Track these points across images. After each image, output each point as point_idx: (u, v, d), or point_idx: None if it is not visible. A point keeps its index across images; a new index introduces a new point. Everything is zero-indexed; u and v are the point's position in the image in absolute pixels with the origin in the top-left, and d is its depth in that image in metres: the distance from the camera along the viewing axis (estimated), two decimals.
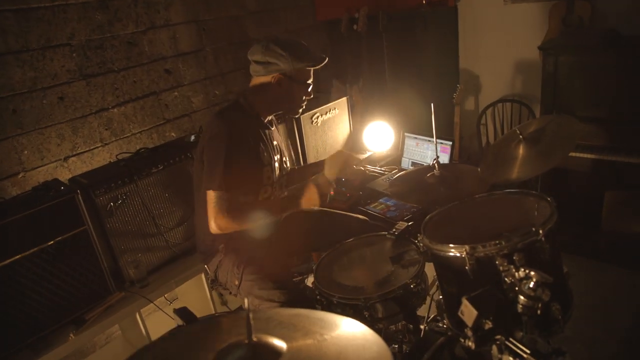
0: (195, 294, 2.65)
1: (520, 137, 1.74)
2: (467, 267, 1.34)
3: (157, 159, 2.47)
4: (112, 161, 2.67)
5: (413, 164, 2.81)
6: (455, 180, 2.00)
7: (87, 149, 2.88)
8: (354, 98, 3.88)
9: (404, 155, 2.86)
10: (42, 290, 2.07)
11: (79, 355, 2.87)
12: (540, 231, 1.32)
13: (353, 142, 3.46)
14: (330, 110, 3.23)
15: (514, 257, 1.30)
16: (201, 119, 3.45)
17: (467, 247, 1.34)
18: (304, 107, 2.13)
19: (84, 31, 2.80)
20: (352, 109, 3.77)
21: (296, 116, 2.12)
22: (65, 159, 2.79)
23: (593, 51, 3.11)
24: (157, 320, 2.46)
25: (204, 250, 2.09)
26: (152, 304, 2.35)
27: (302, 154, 3.07)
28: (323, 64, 2.01)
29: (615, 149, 3.11)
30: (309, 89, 2.06)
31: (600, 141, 3.15)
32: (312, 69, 2.03)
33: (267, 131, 2.09)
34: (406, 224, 1.95)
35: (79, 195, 2.15)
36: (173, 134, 3.29)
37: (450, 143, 2.59)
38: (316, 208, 2.02)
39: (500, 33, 3.83)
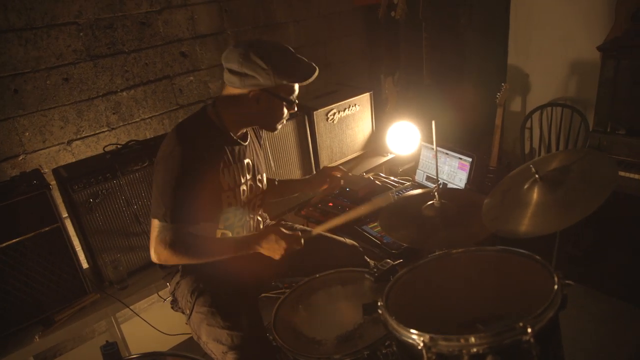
0: None
1: (536, 176, 1.31)
2: None
3: (145, 153, 2.21)
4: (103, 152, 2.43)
5: (428, 178, 2.39)
6: (457, 216, 1.60)
7: (93, 132, 2.68)
8: (387, 91, 3.45)
9: (419, 168, 2.44)
10: (7, 287, 1.89)
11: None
12: (529, 329, 0.93)
13: (375, 141, 3.06)
14: (350, 107, 2.84)
15: None
16: None
17: (426, 337, 0.97)
18: (284, 122, 1.75)
19: (92, 9, 2.55)
20: (385, 103, 3.36)
21: (274, 132, 1.76)
22: (69, 142, 2.60)
23: None
24: (136, 324, 2.26)
25: (165, 266, 1.81)
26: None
27: (313, 155, 2.72)
28: (312, 79, 1.61)
29: None
30: (293, 105, 1.68)
31: None
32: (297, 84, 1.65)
33: (236, 148, 1.73)
34: (391, 262, 1.57)
35: (50, 191, 1.94)
36: None
37: (470, 159, 2.15)
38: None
39: (557, 27, 3.22)
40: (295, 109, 1.70)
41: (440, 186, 1.64)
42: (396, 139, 2.96)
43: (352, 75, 3.75)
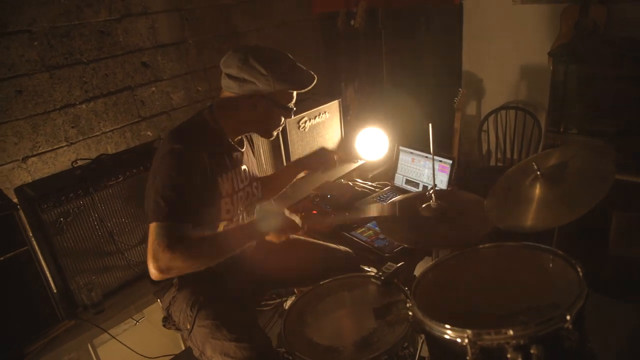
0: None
1: (538, 173, 1.37)
2: (467, 358, 0.98)
3: (118, 167, 2.09)
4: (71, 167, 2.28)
5: (407, 181, 2.43)
6: (456, 215, 1.64)
7: (50, 148, 2.50)
8: (349, 99, 3.49)
9: (398, 172, 2.48)
10: None
11: None
12: (568, 316, 0.97)
13: (344, 149, 3.08)
14: (320, 114, 2.84)
15: (531, 351, 0.95)
16: (182, 117, 3.06)
17: (469, 332, 0.98)
18: (280, 129, 1.73)
19: (46, 17, 2.39)
20: (347, 111, 3.39)
21: (269, 139, 1.73)
22: (24, 159, 2.41)
23: (608, 61, 2.73)
24: (114, 349, 2.12)
25: (157, 281, 1.72)
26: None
27: (285, 162, 2.69)
28: (311, 86, 1.61)
29: (626, 166, 2.74)
30: (290, 112, 1.66)
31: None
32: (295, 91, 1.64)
33: (233, 154, 1.69)
34: (395, 265, 1.58)
35: (19, 212, 1.78)
36: (149, 133, 2.91)
37: (450, 162, 2.22)
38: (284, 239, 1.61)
39: (507, 35, 3.42)
40: (292, 116, 1.68)
41: (436, 187, 1.68)
42: (365, 145, 2.99)
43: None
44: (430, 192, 1.67)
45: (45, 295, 1.88)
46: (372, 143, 2.97)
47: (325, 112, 2.88)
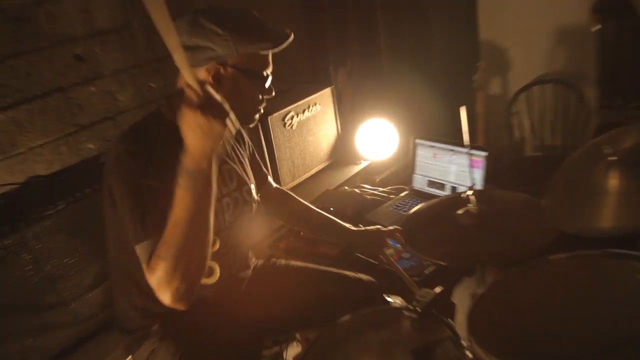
0: None
1: (613, 157, 1.32)
2: None
3: (56, 192, 2.00)
4: None
5: (430, 183, 2.38)
6: (503, 222, 1.60)
7: None
8: (341, 85, 3.43)
9: (416, 172, 2.42)
10: None
11: None
12: None
13: (342, 148, 3.02)
14: (309, 107, 2.78)
15: None
16: (132, 122, 2.97)
17: None
18: (261, 110, 1.62)
19: None
20: (339, 101, 3.34)
21: (250, 125, 1.63)
22: None
23: None
24: None
25: (130, 330, 1.63)
26: None
27: (271, 170, 2.61)
28: (285, 44, 1.48)
29: None
30: (267, 83, 1.55)
31: None
32: (269, 52, 1.51)
33: None
34: (432, 292, 1.51)
35: None
36: (91, 145, 2.81)
37: (484, 154, 2.16)
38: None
39: None
40: (273, 92, 1.59)
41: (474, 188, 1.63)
42: (368, 142, 2.94)
43: (293, 70, 3.71)
44: (468, 193, 1.63)
45: None
46: (378, 138, 2.92)
47: (315, 104, 2.81)
